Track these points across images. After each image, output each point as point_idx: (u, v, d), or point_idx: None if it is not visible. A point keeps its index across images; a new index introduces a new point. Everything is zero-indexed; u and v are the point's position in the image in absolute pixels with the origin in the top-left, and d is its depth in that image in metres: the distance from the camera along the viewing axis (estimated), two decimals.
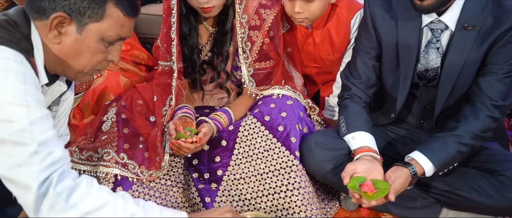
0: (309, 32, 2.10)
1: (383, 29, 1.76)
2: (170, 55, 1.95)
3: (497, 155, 1.73)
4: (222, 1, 1.84)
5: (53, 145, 1.15)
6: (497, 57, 1.63)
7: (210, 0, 1.79)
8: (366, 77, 1.82)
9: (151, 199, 1.79)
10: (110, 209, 1.16)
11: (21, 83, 1.13)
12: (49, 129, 1.16)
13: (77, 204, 1.13)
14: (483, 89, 1.64)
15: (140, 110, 1.94)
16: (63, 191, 1.11)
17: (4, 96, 1.11)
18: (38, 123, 1.14)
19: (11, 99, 1.12)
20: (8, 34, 1.19)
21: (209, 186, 1.83)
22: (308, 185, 1.78)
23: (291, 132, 1.82)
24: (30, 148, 1.10)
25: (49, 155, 1.13)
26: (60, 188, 1.11)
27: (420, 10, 1.59)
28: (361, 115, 1.77)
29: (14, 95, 1.12)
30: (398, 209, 1.80)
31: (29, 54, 1.21)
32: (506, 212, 1.70)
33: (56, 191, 1.10)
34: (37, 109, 1.15)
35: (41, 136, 1.13)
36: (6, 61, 1.14)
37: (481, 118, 1.63)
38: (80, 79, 1.40)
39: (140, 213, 1.19)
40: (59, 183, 1.12)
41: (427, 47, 1.71)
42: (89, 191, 1.15)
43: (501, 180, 1.64)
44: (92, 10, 1.23)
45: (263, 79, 1.96)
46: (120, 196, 1.20)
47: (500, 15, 1.60)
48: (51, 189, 1.10)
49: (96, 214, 1.15)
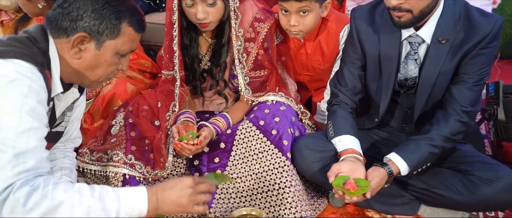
0: (302, 43, 2.24)
1: (367, 42, 1.90)
2: (173, 65, 2.10)
3: (469, 156, 1.87)
4: (218, 17, 1.98)
5: (30, 156, 1.21)
6: (467, 67, 1.78)
7: (207, 17, 1.94)
8: (352, 85, 1.96)
9: None
10: (67, 207, 1.20)
11: (22, 95, 1.24)
12: (33, 141, 1.23)
13: (34, 207, 1.16)
14: (454, 96, 1.80)
15: (145, 115, 2.09)
16: (20, 197, 1.15)
17: (3, 105, 1.22)
18: (24, 134, 1.21)
19: (8, 108, 1.22)
20: (25, 49, 1.33)
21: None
22: (299, 183, 1.93)
23: (283, 136, 1.97)
24: (6, 155, 1.18)
25: (21, 164, 1.19)
26: (18, 193, 1.15)
27: (398, 26, 1.75)
28: (347, 120, 1.91)
29: (11, 104, 1.22)
30: (381, 205, 1.96)
31: (45, 67, 1.35)
32: (475, 208, 1.86)
33: (15, 197, 1.15)
34: (29, 121, 1.23)
35: (22, 146, 1.20)
36: (15, 74, 1.25)
37: (451, 122, 1.78)
38: (94, 87, 1.57)
39: (97, 204, 1.23)
40: (19, 190, 1.16)
41: (406, 58, 1.86)
42: (45, 193, 1.18)
43: (471, 179, 1.78)
44: (109, 30, 1.39)
45: (258, 87, 2.11)
46: (76, 190, 1.23)
47: (470, 30, 1.74)
48: (11, 194, 1.15)
49: (54, 214, 1.18)
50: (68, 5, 1.37)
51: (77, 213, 1.21)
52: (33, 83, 1.27)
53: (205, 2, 1.91)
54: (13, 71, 1.25)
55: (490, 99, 2.37)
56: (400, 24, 1.74)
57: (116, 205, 1.26)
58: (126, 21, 1.42)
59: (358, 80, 1.98)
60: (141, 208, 1.30)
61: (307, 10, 2.01)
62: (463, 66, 1.79)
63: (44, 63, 1.36)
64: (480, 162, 1.82)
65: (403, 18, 1.71)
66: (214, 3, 1.92)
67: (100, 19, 1.38)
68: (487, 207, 1.86)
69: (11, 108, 1.22)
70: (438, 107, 1.88)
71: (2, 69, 1.25)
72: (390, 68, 1.88)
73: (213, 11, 1.94)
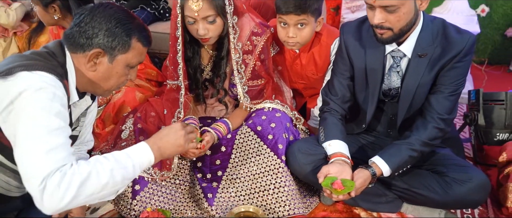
0: (297, 54, 2.43)
1: (355, 56, 2.08)
2: (177, 75, 2.27)
3: (446, 159, 2.04)
4: (217, 33, 2.15)
5: (60, 150, 1.36)
6: (444, 79, 1.95)
7: (207, 33, 2.11)
8: (342, 94, 2.14)
9: (163, 195, 2.13)
10: (94, 176, 1.37)
11: (49, 100, 1.40)
12: (62, 138, 1.39)
13: (69, 186, 1.32)
14: (432, 105, 1.97)
15: (153, 121, 2.26)
16: (55, 181, 1.31)
17: (35, 108, 1.37)
18: (54, 133, 1.37)
19: (39, 111, 1.37)
20: (47, 62, 1.50)
21: (211, 184, 2.16)
22: (293, 184, 2.11)
23: (278, 140, 2.14)
24: (41, 151, 1.34)
25: (53, 157, 1.34)
26: (53, 180, 1.31)
27: (381, 42, 1.93)
28: (337, 126, 2.08)
29: (41, 108, 1.38)
30: (367, 203, 2.13)
31: (63, 77, 1.53)
32: (452, 206, 2.04)
33: (50, 183, 1.31)
34: (57, 121, 1.39)
35: (53, 142, 1.36)
36: (41, 83, 1.41)
37: (429, 129, 1.95)
38: (105, 95, 1.75)
39: (116, 165, 1.42)
40: (52, 177, 1.31)
41: (389, 70, 2.04)
42: (73, 171, 1.34)
43: (446, 180, 1.96)
44: (121, 45, 1.56)
45: (256, 95, 2.29)
46: (96, 161, 1.41)
47: (447, 45, 1.92)
48: (48, 183, 1.31)
49: (86, 186, 1.35)
50: (85, 24, 1.54)
51: (103, 178, 1.39)
52: (56, 90, 1.44)
53: (206, 20, 2.08)
54: (39, 81, 1.41)
55: (472, 106, 2.54)
56: (383, 40, 1.91)
57: (130, 161, 1.47)
58: (135, 37, 1.60)
59: (347, 90, 2.15)
60: (150, 158, 1.53)
61: (304, 23, 2.21)
62: (440, 78, 1.96)
63: (63, 74, 1.53)
64: (455, 165, 2.00)
65: (384, 35, 1.89)
66: (214, 21, 2.10)
67: (113, 36, 1.55)
68: (462, 205, 2.02)
69: (42, 111, 1.38)
70: (418, 114, 2.05)
71: (29, 79, 1.42)
72: (375, 79, 2.05)
73: (213, 28, 2.12)
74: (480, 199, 1.95)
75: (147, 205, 2.10)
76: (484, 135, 2.52)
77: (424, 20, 1.95)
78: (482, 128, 2.49)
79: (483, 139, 2.54)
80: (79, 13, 1.58)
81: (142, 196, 2.11)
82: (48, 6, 2.31)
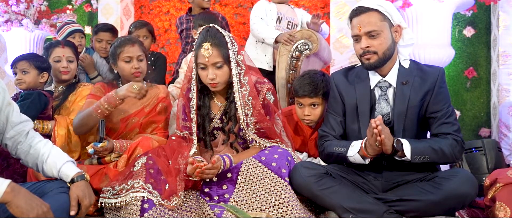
0: (312, 130, 2.83)
1: (345, 93, 2.42)
2: (186, 127, 2.57)
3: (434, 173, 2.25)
4: (225, 79, 2.49)
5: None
6: (435, 106, 2.28)
7: (215, 78, 2.46)
8: (338, 130, 2.44)
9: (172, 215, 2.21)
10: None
11: None
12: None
13: None
14: (441, 131, 2.26)
15: (163, 160, 2.44)
16: None
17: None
18: None
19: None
20: None
21: (218, 204, 2.24)
22: (296, 200, 2.21)
23: (282, 166, 2.29)
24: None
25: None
26: None
27: (369, 67, 2.29)
28: (342, 140, 2.37)
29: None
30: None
31: None
32: (446, 204, 2.10)
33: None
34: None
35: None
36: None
37: (450, 140, 2.23)
38: None
39: None
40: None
41: (379, 99, 2.35)
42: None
43: (435, 180, 2.15)
44: None
45: (260, 136, 2.52)
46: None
47: (423, 75, 2.30)
48: None
49: None
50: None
51: None
52: None
53: (214, 65, 2.46)
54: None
55: None
56: (370, 65, 2.27)
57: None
58: None
59: (340, 126, 2.45)
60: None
61: (316, 104, 2.70)
62: (431, 107, 2.28)
63: None
64: (442, 171, 2.22)
65: (371, 59, 2.26)
66: (221, 66, 2.46)
67: None
68: (456, 201, 2.11)
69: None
70: (412, 136, 2.29)
71: None
72: (366, 108, 2.35)
73: (220, 73, 2.47)
74: (470, 192, 2.08)
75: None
76: None
77: (399, 60, 2.36)
78: None
79: None
80: None
81: (150, 214, 2.17)
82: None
